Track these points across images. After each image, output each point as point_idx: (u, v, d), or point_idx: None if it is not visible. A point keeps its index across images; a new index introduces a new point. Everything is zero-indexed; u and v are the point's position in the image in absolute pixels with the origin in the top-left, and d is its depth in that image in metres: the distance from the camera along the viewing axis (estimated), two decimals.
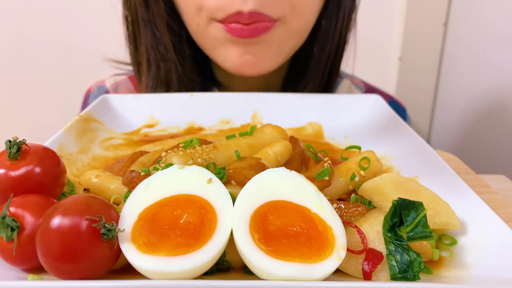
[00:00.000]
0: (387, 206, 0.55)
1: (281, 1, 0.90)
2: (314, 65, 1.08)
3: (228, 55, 0.97)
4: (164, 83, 1.06)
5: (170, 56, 1.04)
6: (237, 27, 0.89)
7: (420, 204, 0.53)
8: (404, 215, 0.52)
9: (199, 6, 0.93)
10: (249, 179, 0.54)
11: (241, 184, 0.56)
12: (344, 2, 1.04)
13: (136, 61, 1.11)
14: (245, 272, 0.52)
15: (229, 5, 0.88)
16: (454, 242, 0.56)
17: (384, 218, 0.53)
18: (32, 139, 0.59)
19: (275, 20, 0.91)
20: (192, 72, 1.08)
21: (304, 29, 0.99)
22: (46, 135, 0.78)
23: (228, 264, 0.53)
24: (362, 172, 0.64)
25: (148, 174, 0.57)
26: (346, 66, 1.17)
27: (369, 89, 1.27)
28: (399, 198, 0.53)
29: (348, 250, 0.49)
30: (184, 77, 1.06)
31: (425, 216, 0.52)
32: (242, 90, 1.12)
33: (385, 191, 0.57)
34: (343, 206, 0.58)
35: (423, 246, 0.53)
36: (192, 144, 0.67)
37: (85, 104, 1.27)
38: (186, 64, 1.07)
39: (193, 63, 1.08)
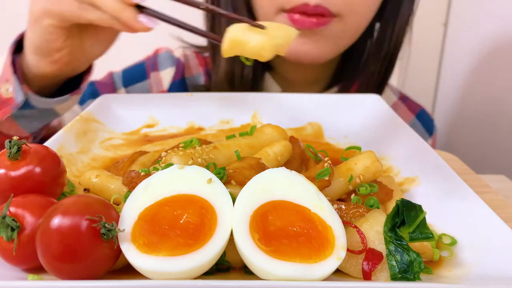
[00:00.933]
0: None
1: None
2: (366, 64, 1.16)
3: None
4: (237, 76, 1.13)
5: None
6: (300, 18, 0.99)
7: (420, 206, 0.53)
8: (406, 216, 0.53)
9: None
10: (249, 179, 0.54)
11: (241, 184, 0.56)
12: (403, 6, 1.10)
13: (212, 46, 1.17)
14: (245, 272, 0.52)
15: None
16: (454, 242, 0.56)
17: (387, 217, 0.53)
18: None
19: (333, 16, 1.00)
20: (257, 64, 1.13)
21: (358, 27, 1.08)
22: None
23: (228, 264, 0.53)
24: (361, 176, 0.64)
25: (148, 174, 0.57)
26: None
27: (402, 97, 1.35)
28: (402, 198, 0.53)
29: (348, 250, 0.50)
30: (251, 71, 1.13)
31: (424, 218, 0.53)
32: (293, 77, 1.22)
33: None
34: (343, 207, 0.58)
35: (423, 246, 0.53)
36: (192, 144, 0.67)
37: (152, 61, 1.28)
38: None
39: None
